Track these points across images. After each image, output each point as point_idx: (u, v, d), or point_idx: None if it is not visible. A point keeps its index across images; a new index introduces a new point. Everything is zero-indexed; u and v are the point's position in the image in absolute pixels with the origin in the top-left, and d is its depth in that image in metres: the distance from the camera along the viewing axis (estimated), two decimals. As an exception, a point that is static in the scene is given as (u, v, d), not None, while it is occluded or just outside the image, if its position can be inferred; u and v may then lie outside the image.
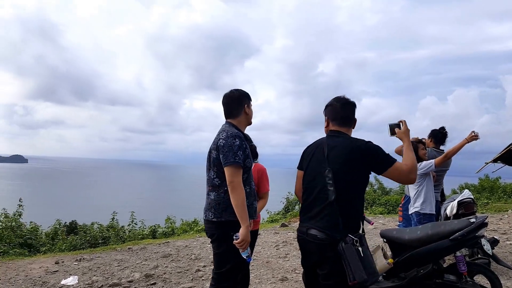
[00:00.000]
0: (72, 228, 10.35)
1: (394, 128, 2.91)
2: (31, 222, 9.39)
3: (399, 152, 5.41)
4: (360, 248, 2.39)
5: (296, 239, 7.47)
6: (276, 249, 6.72)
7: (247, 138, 3.75)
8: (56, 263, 6.02)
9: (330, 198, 2.44)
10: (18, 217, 8.67)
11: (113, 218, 10.42)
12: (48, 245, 8.47)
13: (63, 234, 9.46)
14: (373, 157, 2.53)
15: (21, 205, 8.88)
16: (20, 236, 8.18)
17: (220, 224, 2.86)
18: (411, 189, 4.94)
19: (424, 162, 4.78)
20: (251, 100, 3.12)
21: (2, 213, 8.54)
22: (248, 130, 3.30)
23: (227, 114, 3.08)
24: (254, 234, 3.71)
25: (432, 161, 4.74)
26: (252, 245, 3.74)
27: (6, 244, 7.43)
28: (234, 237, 2.79)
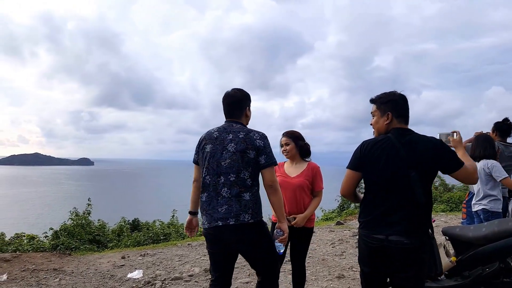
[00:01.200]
0: (136, 225, 10.92)
1: (446, 136, 2.95)
2: (99, 220, 10.02)
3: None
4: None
5: (353, 237, 7.32)
6: (332, 247, 6.68)
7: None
8: (122, 257, 6.39)
9: (420, 201, 2.41)
10: (88, 215, 9.28)
11: (173, 216, 10.85)
12: (115, 241, 9.00)
13: (128, 231, 10.00)
14: (449, 157, 2.48)
15: (90, 204, 9.49)
16: (89, 232, 8.76)
17: (257, 225, 2.79)
18: (476, 185, 4.67)
19: (497, 168, 4.47)
20: (251, 102, 3.02)
21: (73, 212, 9.17)
22: (300, 128, 3.31)
23: (229, 114, 2.96)
24: (309, 232, 3.73)
25: (506, 176, 4.43)
26: (307, 242, 3.75)
27: (77, 240, 8.01)
28: (276, 233, 2.89)
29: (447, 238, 3.60)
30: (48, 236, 8.44)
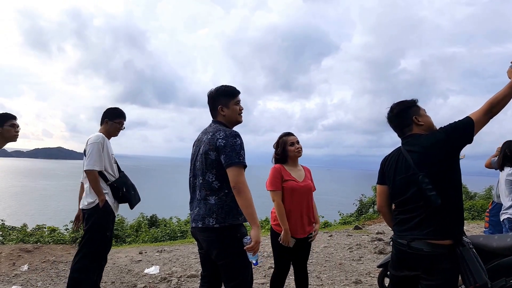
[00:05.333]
0: (153, 221, 11.03)
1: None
2: (117, 214, 10.16)
3: (489, 165, 5.17)
4: (475, 251, 2.36)
5: (371, 243, 7.19)
6: (350, 252, 6.59)
7: None
8: (140, 253, 6.47)
9: (434, 204, 2.27)
10: (107, 209, 9.41)
11: (190, 214, 10.93)
12: (133, 236, 9.12)
13: (146, 227, 10.11)
14: (456, 134, 2.34)
15: (109, 199, 9.63)
16: (108, 227, 8.90)
17: (224, 230, 2.59)
18: (505, 194, 4.56)
19: None
20: (233, 98, 2.81)
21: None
22: (321, 130, 3.23)
23: (211, 114, 2.89)
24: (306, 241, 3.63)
25: None
26: (310, 247, 3.69)
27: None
28: (244, 240, 2.56)
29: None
30: (68, 229, 8.59)
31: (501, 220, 4.57)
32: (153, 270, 5.40)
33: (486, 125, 2.46)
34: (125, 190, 3.89)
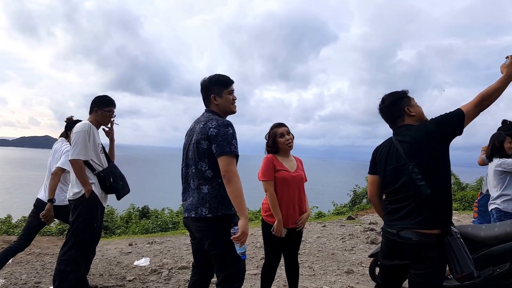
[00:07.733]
0: (144, 212, 10.94)
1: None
2: (107, 205, 10.06)
3: (482, 163, 5.19)
4: (462, 241, 2.39)
5: (363, 233, 7.18)
6: (342, 242, 6.58)
7: None
8: (130, 245, 6.38)
9: (424, 194, 2.30)
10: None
11: (182, 204, 10.86)
12: (123, 227, 9.02)
13: (136, 218, 10.02)
14: (447, 125, 2.36)
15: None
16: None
17: (217, 220, 2.58)
18: (493, 184, 4.59)
19: (508, 161, 4.38)
20: (226, 87, 2.78)
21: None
22: (317, 120, 3.14)
23: (204, 103, 2.85)
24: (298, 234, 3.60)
25: None
26: (300, 238, 3.66)
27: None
28: (231, 231, 2.52)
29: None
30: (55, 221, 8.47)
31: (489, 210, 4.62)
32: (143, 262, 5.32)
33: (479, 116, 2.48)
34: (112, 180, 3.77)
